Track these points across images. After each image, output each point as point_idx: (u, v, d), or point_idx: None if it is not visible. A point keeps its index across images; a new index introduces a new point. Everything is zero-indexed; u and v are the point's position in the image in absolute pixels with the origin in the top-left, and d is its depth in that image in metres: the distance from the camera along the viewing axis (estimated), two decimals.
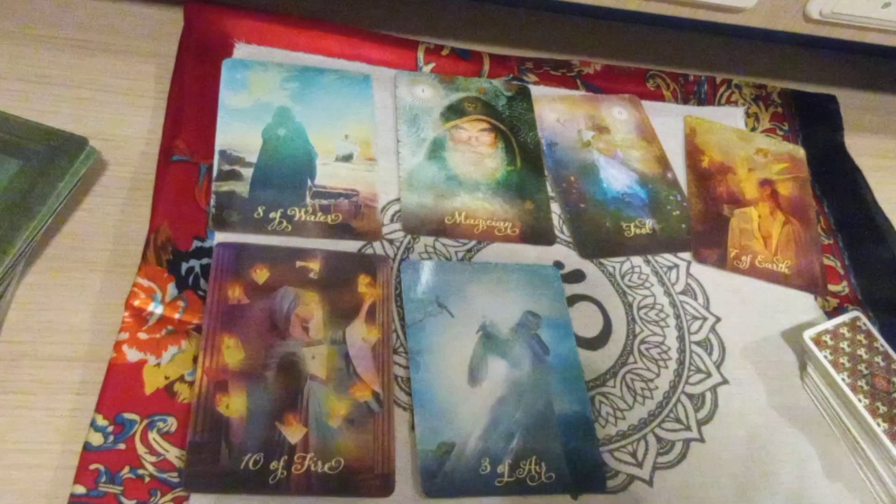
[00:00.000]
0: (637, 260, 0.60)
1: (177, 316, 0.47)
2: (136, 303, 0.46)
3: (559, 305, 0.55)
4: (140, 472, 0.41)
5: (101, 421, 0.42)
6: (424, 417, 0.47)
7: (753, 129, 0.73)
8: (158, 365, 0.45)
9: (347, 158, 0.57)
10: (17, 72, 0.56)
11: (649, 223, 0.62)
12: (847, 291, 0.64)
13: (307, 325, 0.48)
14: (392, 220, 0.56)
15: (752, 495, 0.50)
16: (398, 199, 0.57)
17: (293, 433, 0.44)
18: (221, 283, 0.48)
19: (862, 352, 0.56)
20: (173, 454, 0.42)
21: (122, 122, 0.56)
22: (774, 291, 0.62)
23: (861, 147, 0.76)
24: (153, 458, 0.42)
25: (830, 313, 0.62)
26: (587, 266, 0.58)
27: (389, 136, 0.60)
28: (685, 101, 0.73)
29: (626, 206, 0.62)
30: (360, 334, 0.49)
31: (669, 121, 0.70)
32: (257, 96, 0.58)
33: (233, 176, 0.54)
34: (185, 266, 0.49)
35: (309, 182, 0.55)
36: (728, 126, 0.72)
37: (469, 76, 0.67)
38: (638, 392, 0.53)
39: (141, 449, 0.42)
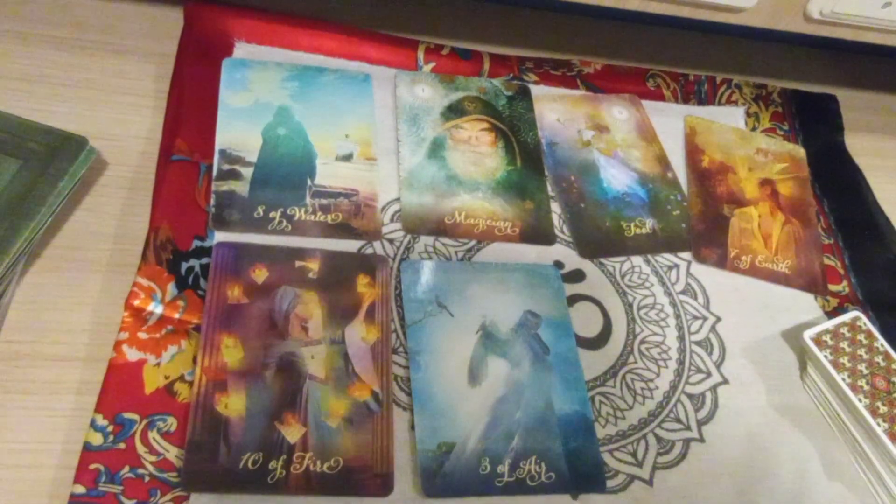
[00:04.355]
0: (637, 260, 0.60)
1: (177, 315, 0.47)
2: (136, 302, 0.46)
3: (559, 305, 0.55)
4: (140, 471, 0.41)
5: (100, 421, 0.42)
6: (424, 417, 0.47)
7: (753, 129, 0.73)
8: (158, 364, 0.45)
9: (347, 158, 0.57)
10: (17, 71, 0.56)
11: (649, 223, 0.62)
12: (847, 291, 0.64)
13: (306, 324, 0.48)
14: (392, 220, 0.56)
15: (752, 495, 0.50)
16: (398, 199, 0.57)
17: (292, 433, 0.44)
18: (221, 283, 0.48)
19: (862, 352, 0.56)
20: (173, 454, 0.42)
21: (122, 121, 0.56)
22: (775, 291, 0.62)
23: (861, 147, 0.76)
24: (153, 458, 0.42)
25: (830, 313, 0.62)
26: (587, 266, 0.58)
27: (389, 136, 0.60)
28: (685, 101, 0.73)
29: (626, 206, 0.62)
30: (359, 334, 0.49)
31: (669, 120, 0.70)
32: (257, 96, 0.58)
33: (233, 175, 0.54)
34: (185, 265, 0.49)
35: (309, 181, 0.55)
36: (728, 126, 0.72)
37: (469, 76, 0.67)
38: (638, 392, 0.53)
39: (141, 448, 0.42)
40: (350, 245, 0.54)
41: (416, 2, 0.73)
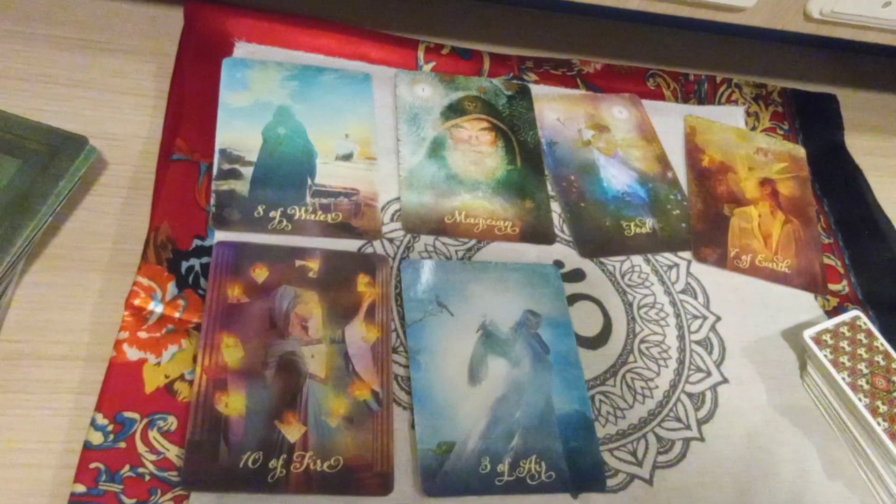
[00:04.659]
0: (637, 259, 0.60)
1: (177, 315, 0.47)
2: (136, 302, 0.46)
3: (559, 304, 0.55)
4: (140, 470, 0.41)
5: (101, 420, 0.42)
6: (424, 416, 0.47)
7: (753, 129, 0.73)
8: (158, 364, 0.45)
9: (347, 157, 0.57)
10: (17, 71, 0.56)
11: (649, 222, 0.62)
12: (847, 291, 0.64)
13: (306, 323, 0.48)
14: (392, 219, 0.56)
15: (752, 495, 0.50)
16: (398, 198, 0.57)
17: (292, 432, 0.44)
18: (221, 282, 0.48)
19: (862, 351, 0.56)
20: (173, 453, 0.42)
21: (122, 121, 0.56)
22: (775, 290, 0.62)
23: (861, 147, 0.76)
24: (153, 457, 0.42)
25: (830, 312, 0.62)
26: (587, 265, 0.58)
27: (389, 135, 0.60)
28: (685, 101, 0.73)
29: (627, 206, 0.62)
30: (359, 333, 0.49)
31: (669, 120, 0.70)
32: (257, 95, 0.58)
33: (233, 175, 0.54)
34: (185, 265, 0.49)
35: (309, 181, 0.55)
36: (728, 125, 0.72)
37: (469, 75, 0.67)
38: (638, 391, 0.53)
39: (141, 448, 0.42)
40: (350, 244, 0.54)
41: (416, 2, 0.73)
